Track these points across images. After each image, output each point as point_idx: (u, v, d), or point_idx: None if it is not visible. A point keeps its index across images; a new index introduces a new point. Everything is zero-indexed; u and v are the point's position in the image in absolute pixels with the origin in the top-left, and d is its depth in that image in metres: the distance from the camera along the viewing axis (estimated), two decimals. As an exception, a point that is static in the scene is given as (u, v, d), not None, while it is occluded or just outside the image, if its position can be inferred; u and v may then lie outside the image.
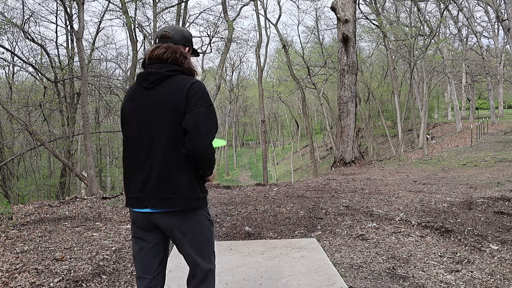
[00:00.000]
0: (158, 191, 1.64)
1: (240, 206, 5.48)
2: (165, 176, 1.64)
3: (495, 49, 27.29)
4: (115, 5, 17.64)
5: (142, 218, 1.72)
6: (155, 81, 1.68)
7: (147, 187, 1.66)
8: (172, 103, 1.63)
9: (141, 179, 1.67)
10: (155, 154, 1.64)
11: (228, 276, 2.96)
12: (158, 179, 1.64)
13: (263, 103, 20.38)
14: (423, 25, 19.86)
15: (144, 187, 1.67)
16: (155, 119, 1.65)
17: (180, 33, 1.80)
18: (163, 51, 1.71)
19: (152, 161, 1.65)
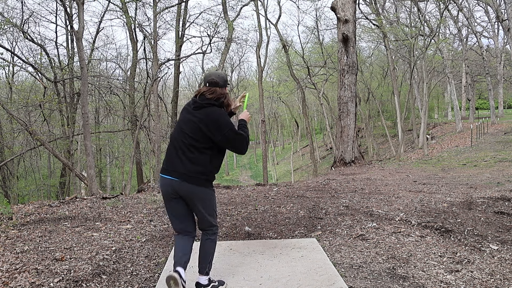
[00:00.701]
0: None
1: (240, 206, 5.48)
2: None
3: (495, 49, 27.29)
4: (115, 5, 17.64)
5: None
6: (207, 103, 2.50)
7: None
8: (208, 122, 2.46)
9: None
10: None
11: (228, 276, 2.96)
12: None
13: (263, 103, 20.38)
14: (423, 25, 19.86)
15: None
16: (193, 128, 2.48)
17: (222, 79, 2.57)
18: (211, 95, 2.51)
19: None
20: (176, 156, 2.47)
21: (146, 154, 21.34)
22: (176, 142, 2.50)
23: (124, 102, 20.23)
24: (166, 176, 2.47)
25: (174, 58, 18.66)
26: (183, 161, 2.44)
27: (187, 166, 2.43)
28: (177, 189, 2.45)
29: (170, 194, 2.49)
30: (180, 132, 2.49)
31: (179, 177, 2.42)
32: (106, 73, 23.59)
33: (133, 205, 5.71)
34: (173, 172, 2.44)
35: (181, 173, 2.42)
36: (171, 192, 2.47)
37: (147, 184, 10.57)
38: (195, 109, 2.49)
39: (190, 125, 2.46)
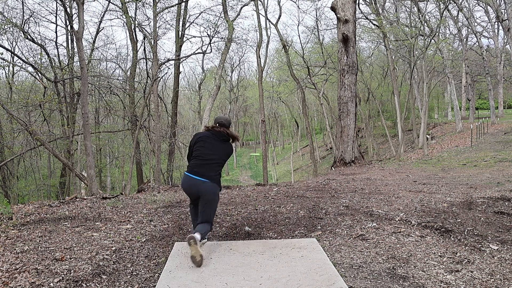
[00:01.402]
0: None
1: (240, 206, 5.48)
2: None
3: (495, 49, 27.29)
4: (115, 5, 17.64)
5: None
6: (223, 139, 3.68)
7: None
8: (224, 150, 3.69)
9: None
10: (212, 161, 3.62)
11: (228, 276, 2.96)
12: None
13: (263, 103, 20.37)
14: (423, 25, 19.86)
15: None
16: (217, 151, 3.64)
17: (228, 121, 3.75)
18: (228, 134, 3.68)
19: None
20: (205, 166, 3.54)
21: (146, 154, 21.34)
22: (206, 156, 3.55)
23: (124, 102, 20.24)
24: (195, 177, 3.50)
25: (174, 58, 18.66)
26: (210, 170, 3.53)
27: (211, 173, 3.52)
28: (196, 185, 3.48)
29: (192, 190, 3.55)
30: (210, 151, 3.58)
31: (206, 179, 3.49)
32: (106, 73, 23.60)
33: (133, 205, 5.71)
34: (202, 176, 3.49)
35: (208, 176, 3.50)
36: (195, 191, 3.52)
37: (147, 184, 10.57)
38: (223, 142, 3.67)
39: (219, 150, 3.62)
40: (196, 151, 3.61)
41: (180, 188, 3.64)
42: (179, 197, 6.46)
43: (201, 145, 3.61)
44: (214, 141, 3.63)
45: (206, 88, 39.92)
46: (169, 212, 5.20)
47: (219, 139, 3.65)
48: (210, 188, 3.47)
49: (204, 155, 3.57)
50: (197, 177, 3.48)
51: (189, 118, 44.47)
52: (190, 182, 3.51)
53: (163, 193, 7.16)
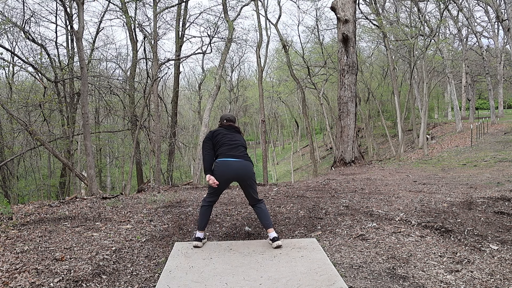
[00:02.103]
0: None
1: (240, 206, 5.48)
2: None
3: (495, 49, 27.29)
4: (115, 5, 17.64)
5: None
6: (235, 130, 3.99)
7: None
8: (242, 138, 3.97)
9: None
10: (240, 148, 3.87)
11: (228, 276, 2.96)
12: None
13: (263, 103, 20.37)
14: (423, 25, 19.86)
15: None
16: (237, 137, 3.92)
17: (234, 118, 4.11)
18: (237, 127, 4.02)
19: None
20: (236, 148, 3.79)
21: (146, 154, 21.35)
22: (233, 142, 3.80)
23: (124, 102, 20.24)
24: (234, 159, 3.70)
25: (174, 58, 18.66)
26: (242, 151, 3.80)
27: (245, 154, 3.81)
28: (240, 169, 3.69)
29: (233, 173, 3.69)
30: (234, 138, 3.86)
31: (244, 159, 3.74)
32: (106, 73, 23.59)
33: (133, 205, 5.71)
34: (239, 157, 3.73)
35: (243, 156, 3.77)
36: (236, 174, 3.69)
37: (147, 184, 10.57)
38: (236, 132, 3.97)
39: (239, 137, 3.92)
40: (221, 142, 3.79)
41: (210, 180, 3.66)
42: (179, 197, 6.46)
43: (222, 135, 3.82)
44: (230, 132, 3.90)
45: (206, 88, 39.92)
46: (169, 212, 5.20)
47: (232, 131, 3.93)
48: (251, 167, 3.75)
49: (231, 141, 3.79)
50: (236, 159, 3.68)
51: (189, 118, 44.45)
52: (231, 165, 3.65)
53: (163, 193, 7.16)
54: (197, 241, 3.64)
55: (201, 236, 3.68)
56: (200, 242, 3.65)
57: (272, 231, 3.63)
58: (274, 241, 3.56)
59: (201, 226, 3.71)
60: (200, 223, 3.74)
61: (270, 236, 3.63)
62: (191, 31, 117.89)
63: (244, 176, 3.68)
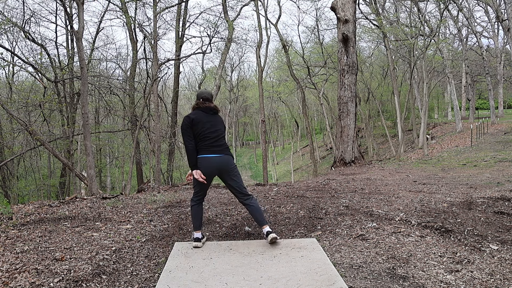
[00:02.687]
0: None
1: (240, 206, 5.48)
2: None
3: (495, 49, 27.29)
4: (115, 5, 17.64)
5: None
6: (214, 112, 3.79)
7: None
8: (221, 122, 3.84)
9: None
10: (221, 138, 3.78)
11: (228, 276, 2.96)
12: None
13: (263, 103, 20.37)
14: (423, 25, 19.86)
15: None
16: (217, 125, 3.77)
17: (211, 95, 3.86)
18: (215, 107, 3.79)
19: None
20: (216, 142, 3.71)
21: (146, 154, 21.35)
22: (212, 134, 3.68)
23: (124, 102, 20.24)
24: (215, 155, 3.65)
25: (174, 58, 18.66)
26: (222, 144, 3.73)
27: (224, 147, 3.72)
28: (220, 163, 3.66)
29: (214, 169, 3.66)
30: (213, 128, 3.72)
31: (224, 154, 3.69)
32: (106, 73, 23.60)
33: (133, 205, 5.71)
34: (220, 152, 3.68)
35: (223, 150, 3.70)
36: (218, 169, 3.67)
37: (147, 184, 10.57)
38: (215, 114, 3.79)
39: (218, 124, 3.76)
40: (201, 134, 3.66)
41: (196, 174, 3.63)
42: (179, 197, 6.46)
43: (202, 125, 3.67)
44: (209, 117, 3.72)
45: (206, 88, 39.92)
46: (169, 212, 5.20)
47: (211, 113, 3.74)
48: (231, 160, 3.74)
49: (212, 133, 3.68)
50: (217, 155, 3.64)
51: (189, 118, 44.25)
52: (212, 161, 3.62)
53: (163, 193, 7.16)
54: (197, 242, 3.63)
55: (199, 236, 3.68)
56: (200, 242, 3.64)
57: (266, 227, 3.63)
58: (267, 235, 3.57)
59: (197, 226, 3.71)
60: (194, 223, 3.72)
61: (264, 231, 3.63)
62: (191, 31, 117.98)
63: (226, 168, 3.66)
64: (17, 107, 14.16)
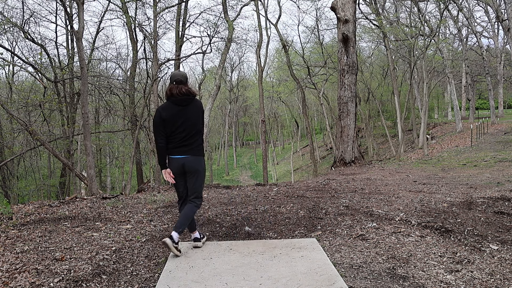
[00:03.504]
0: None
1: (240, 206, 5.48)
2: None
3: (495, 49, 27.29)
4: (115, 5, 17.64)
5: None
6: (187, 102, 3.41)
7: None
8: (195, 113, 3.45)
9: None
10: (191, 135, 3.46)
11: (228, 276, 2.96)
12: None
13: (263, 103, 20.38)
14: (423, 25, 19.86)
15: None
16: (189, 121, 3.42)
17: (185, 77, 3.45)
18: (187, 90, 3.40)
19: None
20: (184, 142, 3.45)
21: (146, 154, 21.34)
22: (181, 134, 3.41)
23: (124, 102, 20.24)
24: (180, 156, 3.43)
25: (174, 58, 18.65)
26: (189, 144, 3.45)
27: (191, 147, 3.44)
28: (185, 165, 3.43)
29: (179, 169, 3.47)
30: (182, 128, 3.41)
31: (189, 154, 3.44)
32: (106, 73, 23.60)
33: (133, 205, 5.71)
34: (184, 153, 3.43)
35: (189, 151, 3.44)
36: (181, 170, 3.46)
37: (147, 184, 10.57)
38: (188, 106, 3.39)
39: (191, 119, 3.43)
40: (171, 134, 3.42)
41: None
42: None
43: (173, 123, 3.40)
44: (181, 112, 3.39)
45: (206, 88, 39.94)
46: (169, 212, 5.20)
47: (184, 105, 3.39)
48: (197, 162, 3.45)
49: (181, 132, 3.40)
50: (184, 156, 3.41)
51: (189, 118, 44.29)
52: (179, 162, 3.43)
53: (163, 193, 7.16)
54: (196, 242, 3.62)
55: (198, 236, 3.65)
56: (200, 241, 3.62)
57: (173, 234, 3.35)
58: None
59: (192, 227, 3.62)
60: (188, 225, 3.60)
61: (173, 237, 3.35)
62: (191, 31, 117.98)
63: (189, 170, 3.44)
64: (17, 107, 14.16)
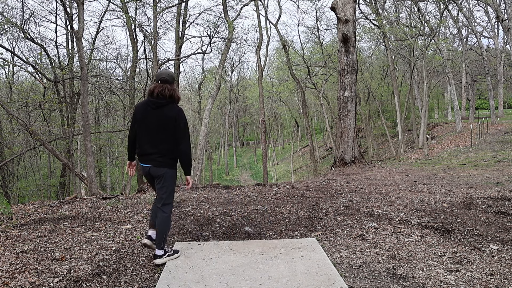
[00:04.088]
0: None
1: (240, 206, 5.48)
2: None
3: (495, 49, 27.29)
4: (115, 5, 17.64)
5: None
6: (158, 106, 3.15)
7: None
8: (164, 120, 3.14)
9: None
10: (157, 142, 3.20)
11: (228, 276, 2.96)
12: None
13: (263, 103, 20.38)
14: (423, 25, 19.86)
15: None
16: (156, 127, 3.17)
17: (171, 76, 3.20)
18: (163, 90, 3.13)
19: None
20: (148, 150, 3.27)
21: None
22: (145, 140, 3.26)
23: (124, 102, 20.24)
24: (143, 165, 3.28)
25: (174, 58, 18.66)
26: (153, 153, 3.23)
27: (155, 156, 3.21)
28: (150, 173, 3.26)
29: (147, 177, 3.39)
30: (147, 135, 3.24)
31: (151, 163, 3.24)
32: (106, 73, 23.60)
33: (133, 205, 5.71)
34: (147, 162, 3.26)
35: (152, 160, 3.23)
36: (150, 177, 3.35)
37: (147, 184, 10.56)
38: (160, 108, 3.14)
39: (158, 126, 3.18)
40: (137, 136, 3.27)
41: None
42: (179, 197, 6.46)
43: (138, 126, 3.24)
44: (150, 114, 3.16)
45: (206, 88, 39.95)
46: (169, 212, 5.19)
47: (156, 107, 3.16)
48: (161, 172, 3.21)
49: (143, 139, 3.22)
50: (145, 165, 3.23)
51: (189, 118, 44.48)
52: (143, 169, 3.29)
53: (163, 193, 7.15)
54: (147, 239, 3.34)
55: (151, 235, 3.35)
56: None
57: (156, 251, 3.25)
58: (154, 258, 3.27)
59: (152, 223, 3.41)
60: (151, 220, 3.40)
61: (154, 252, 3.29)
62: (191, 31, 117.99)
63: (155, 174, 3.23)
64: (17, 107, 14.16)
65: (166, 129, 3.11)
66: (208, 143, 38.03)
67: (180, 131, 3.12)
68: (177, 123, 3.11)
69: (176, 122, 3.10)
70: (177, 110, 3.15)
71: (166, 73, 3.20)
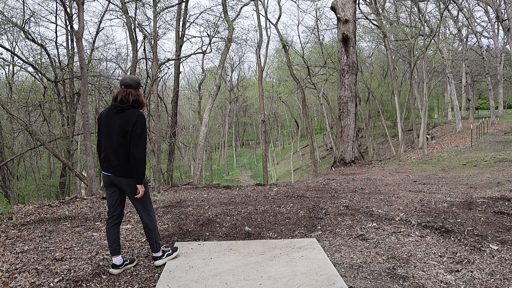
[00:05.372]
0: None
1: (240, 206, 5.48)
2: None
3: (495, 49, 27.28)
4: (115, 5, 17.62)
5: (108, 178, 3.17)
6: (120, 110, 3.05)
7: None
8: (122, 125, 3.02)
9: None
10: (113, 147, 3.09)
11: (228, 276, 2.96)
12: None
13: (263, 103, 20.36)
14: (423, 25, 19.86)
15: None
16: (115, 133, 3.05)
17: (135, 82, 3.13)
18: (127, 95, 3.06)
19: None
20: (108, 157, 3.16)
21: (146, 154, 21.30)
22: (104, 147, 3.16)
23: (124, 102, 20.17)
24: (104, 173, 3.20)
25: (174, 58, 18.66)
26: (112, 160, 3.11)
27: (114, 163, 3.10)
28: (113, 181, 3.16)
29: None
30: (107, 140, 3.13)
31: (111, 172, 3.13)
32: (106, 73, 23.57)
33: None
34: (107, 170, 3.14)
35: (112, 167, 3.11)
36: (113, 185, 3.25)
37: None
38: (119, 113, 3.06)
39: (116, 132, 3.07)
40: (99, 142, 3.21)
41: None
42: (179, 197, 6.46)
43: (100, 132, 3.18)
44: (110, 119, 3.07)
45: (206, 88, 39.93)
46: (169, 212, 5.20)
47: (118, 112, 3.05)
48: (125, 182, 3.08)
49: (103, 145, 3.15)
50: (107, 174, 3.12)
51: (189, 118, 44.47)
52: (106, 179, 3.18)
53: (163, 193, 7.15)
54: (113, 268, 3.11)
55: (118, 263, 3.11)
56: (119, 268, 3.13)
57: (154, 253, 3.25)
58: (153, 260, 3.28)
59: (115, 250, 3.15)
60: (111, 247, 3.15)
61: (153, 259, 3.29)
62: (191, 31, 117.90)
63: (119, 185, 3.13)
64: (17, 107, 14.14)
65: (120, 136, 3.01)
66: (208, 143, 38.02)
67: (135, 136, 2.99)
68: (135, 128, 2.99)
69: (134, 126, 2.99)
70: (137, 115, 3.03)
71: (130, 77, 3.13)
